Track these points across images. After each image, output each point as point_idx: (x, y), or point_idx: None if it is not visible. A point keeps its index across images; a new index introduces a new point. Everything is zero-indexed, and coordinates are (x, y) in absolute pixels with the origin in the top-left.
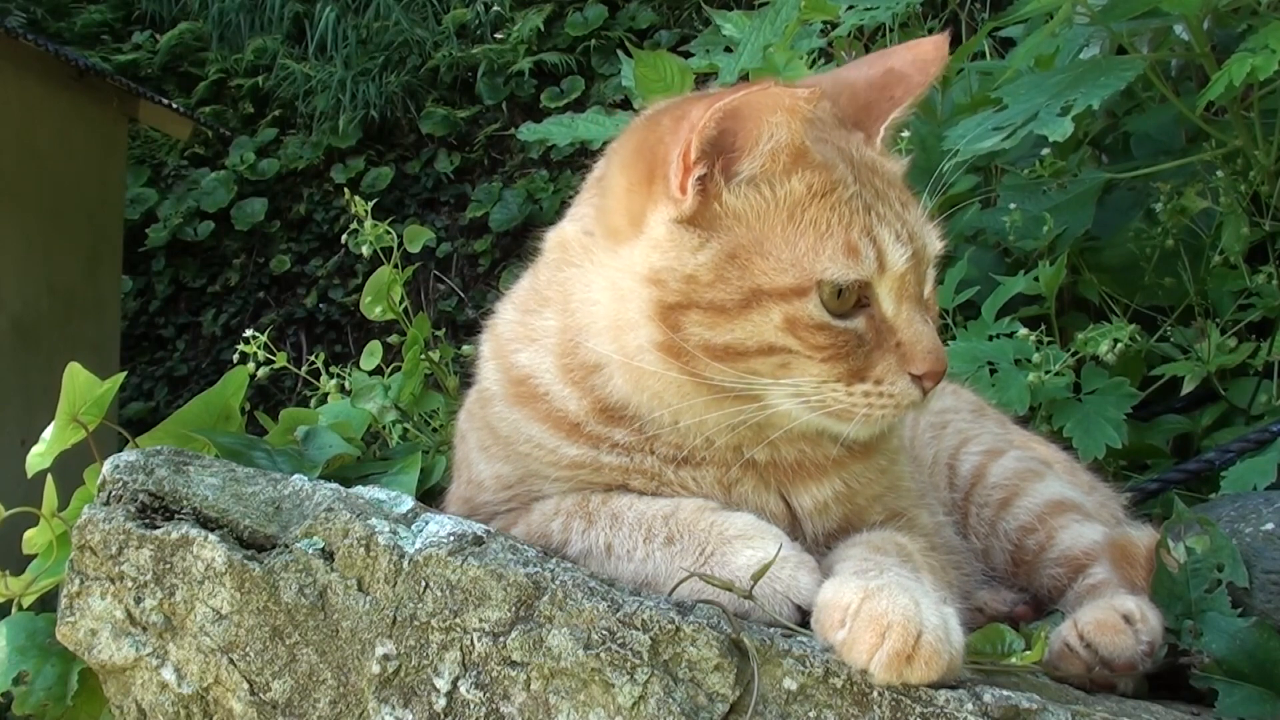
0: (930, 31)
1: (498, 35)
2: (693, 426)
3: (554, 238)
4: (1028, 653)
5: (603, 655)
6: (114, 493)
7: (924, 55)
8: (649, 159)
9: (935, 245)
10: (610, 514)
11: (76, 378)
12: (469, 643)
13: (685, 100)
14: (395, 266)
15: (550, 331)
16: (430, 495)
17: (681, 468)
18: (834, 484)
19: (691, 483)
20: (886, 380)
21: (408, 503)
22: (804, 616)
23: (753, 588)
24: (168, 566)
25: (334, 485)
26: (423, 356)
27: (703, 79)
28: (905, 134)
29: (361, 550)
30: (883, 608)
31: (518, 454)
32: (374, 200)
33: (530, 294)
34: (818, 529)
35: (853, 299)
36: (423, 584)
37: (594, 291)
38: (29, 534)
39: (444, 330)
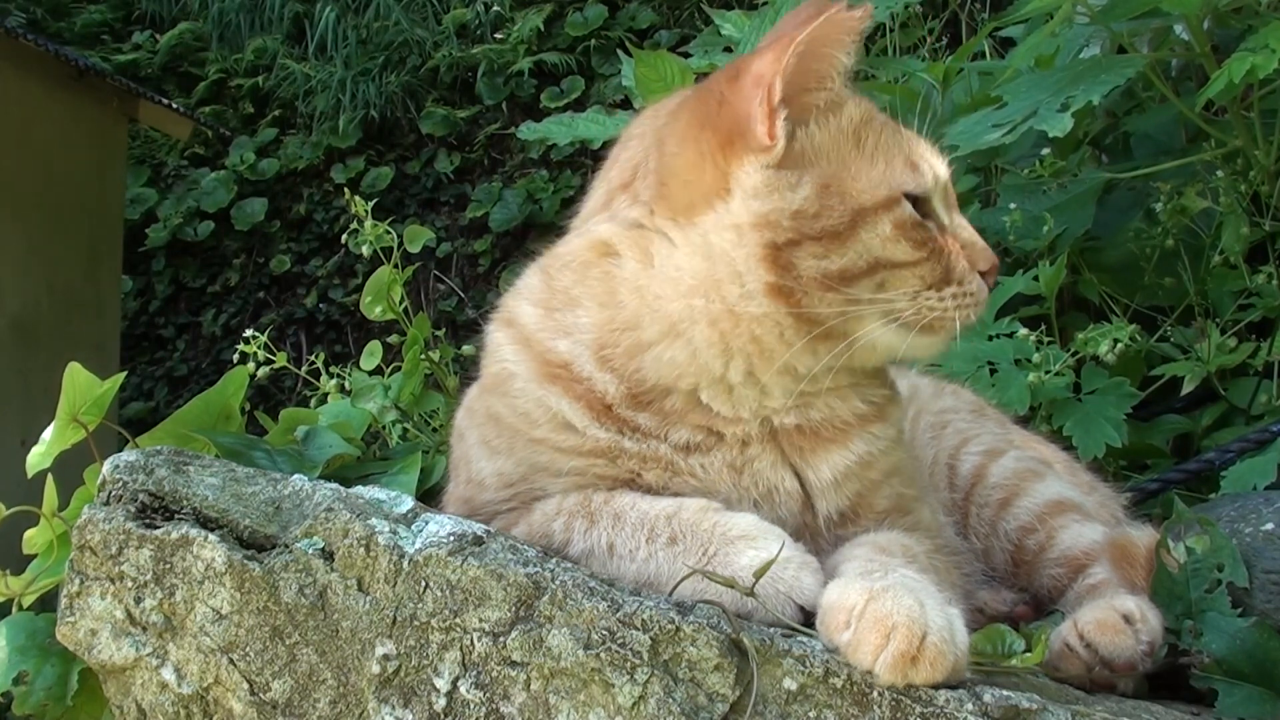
0: (931, 32)
1: (498, 35)
2: (764, 380)
3: (582, 244)
4: (1028, 654)
5: (603, 655)
6: (114, 493)
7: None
8: (717, 124)
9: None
10: (613, 513)
11: (76, 378)
12: (469, 643)
13: (736, 63)
14: (395, 266)
15: (585, 327)
16: (430, 495)
17: (691, 455)
18: (856, 448)
19: (700, 469)
20: (966, 280)
21: (408, 503)
22: (807, 617)
23: (754, 585)
24: (168, 566)
25: (334, 485)
26: (423, 356)
27: (702, 79)
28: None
29: (361, 550)
30: (888, 609)
31: (528, 442)
32: (374, 200)
33: (552, 294)
34: (830, 507)
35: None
36: (423, 584)
37: (674, 262)
38: (29, 534)
39: (444, 330)
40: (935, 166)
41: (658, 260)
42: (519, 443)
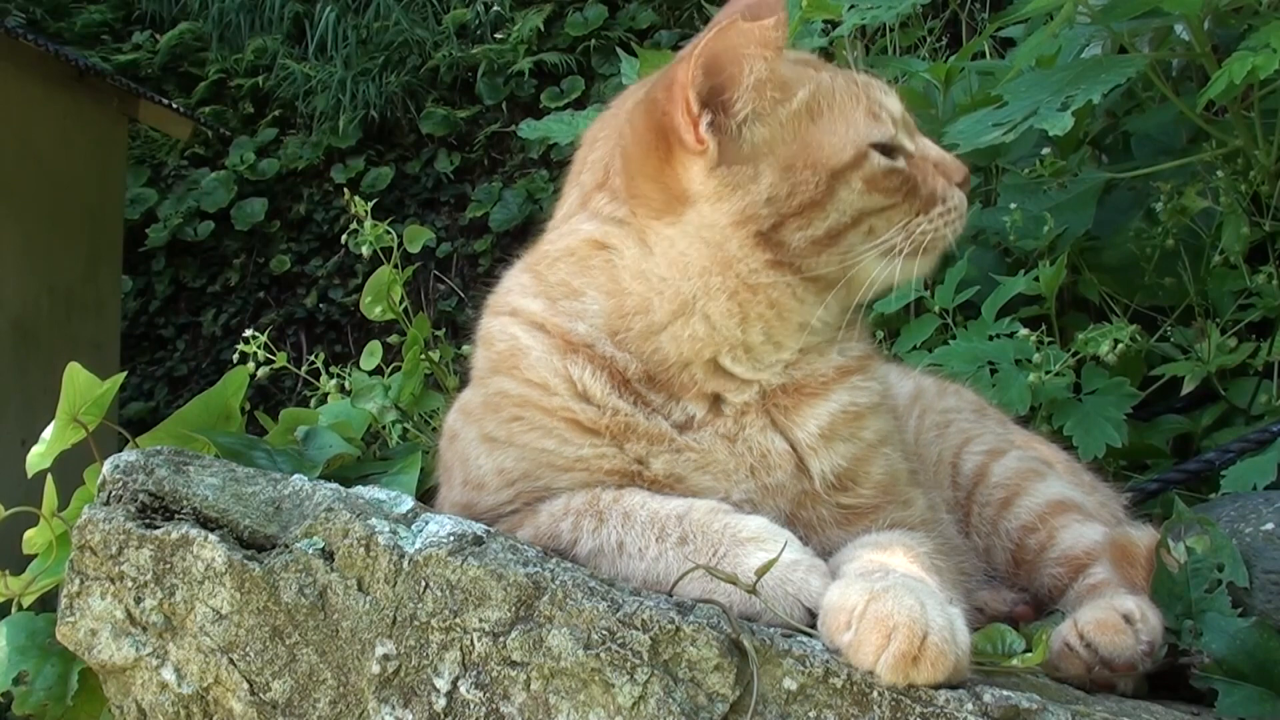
0: (931, 32)
1: (498, 35)
2: (782, 337)
3: (573, 240)
4: (1029, 654)
5: (603, 655)
6: (114, 493)
7: None
8: (659, 135)
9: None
10: (622, 512)
11: (76, 378)
12: (469, 643)
13: (670, 67)
14: (395, 266)
15: (596, 313)
16: (430, 495)
17: (686, 431)
18: (838, 398)
19: (693, 443)
20: (947, 197)
21: (408, 503)
22: (814, 619)
23: (755, 583)
24: (168, 566)
25: (334, 485)
26: (423, 356)
27: None
28: None
29: (361, 550)
30: (888, 609)
31: (534, 426)
32: (374, 200)
33: (550, 288)
34: (824, 466)
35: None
36: (423, 584)
37: (677, 249)
38: (29, 534)
39: (444, 330)
40: (890, 107)
41: (658, 250)
42: (523, 428)
